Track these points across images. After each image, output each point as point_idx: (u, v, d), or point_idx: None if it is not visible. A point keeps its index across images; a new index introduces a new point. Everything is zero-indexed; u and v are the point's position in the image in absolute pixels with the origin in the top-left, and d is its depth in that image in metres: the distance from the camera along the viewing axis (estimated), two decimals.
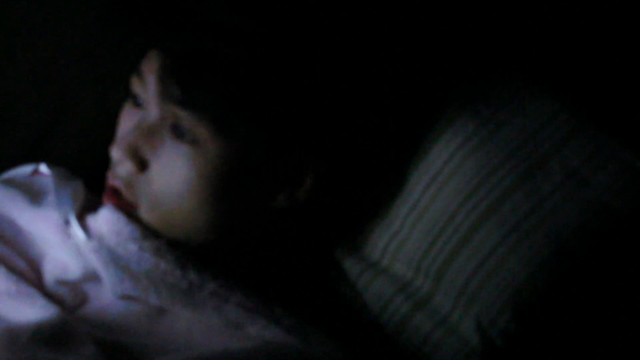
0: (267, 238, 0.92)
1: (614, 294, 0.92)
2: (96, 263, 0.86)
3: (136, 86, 0.88)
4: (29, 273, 0.89)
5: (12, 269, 0.87)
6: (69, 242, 0.88)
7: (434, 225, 0.93)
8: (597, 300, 0.91)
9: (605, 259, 0.90)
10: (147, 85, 0.86)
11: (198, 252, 0.88)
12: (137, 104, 0.88)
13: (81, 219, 0.89)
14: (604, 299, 0.91)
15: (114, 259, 0.85)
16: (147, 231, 0.86)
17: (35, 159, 1.00)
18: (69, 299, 0.87)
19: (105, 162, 0.90)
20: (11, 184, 0.96)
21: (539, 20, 1.03)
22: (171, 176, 0.85)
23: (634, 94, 1.00)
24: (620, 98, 0.99)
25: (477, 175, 0.92)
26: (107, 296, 0.87)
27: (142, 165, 0.86)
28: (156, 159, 0.86)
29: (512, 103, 0.94)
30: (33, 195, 0.93)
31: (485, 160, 0.92)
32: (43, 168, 0.97)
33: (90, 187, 0.94)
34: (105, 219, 0.86)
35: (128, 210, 0.87)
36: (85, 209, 0.90)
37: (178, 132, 0.85)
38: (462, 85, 0.96)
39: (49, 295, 0.87)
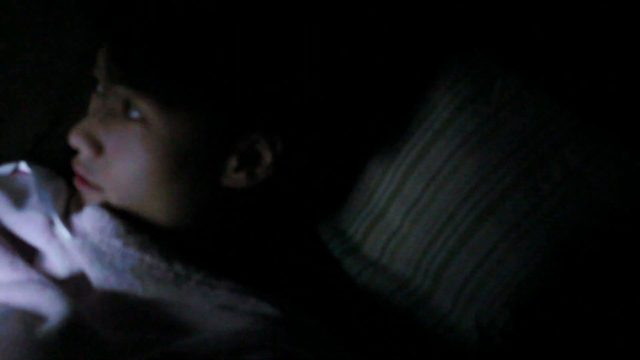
0: (241, 222, 0.92)
1: (613, 294, 0.92)
2: (81, 261, 0.86)
3: (96, 75, 0.89)
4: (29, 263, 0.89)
5: (14, 260, 0.87)
6: (55, 243, 0.88)
7: (433, 224, 0.93)
8: (597, 299, 0.91)
9: (604, 258, 0.90)
10: (100, 71, 0.87)
11: (181, 243, 0.88)
12: (98, 91, 0.89)
13: (66, 217, 0.89)
14: (604, 299, 0.91)
15: (99, 256, 0.85)
16: (131, 226, 0.86)
17: (36, 158, 1.00)
18: (68, 288, 0.87)
19: None
20: None
21: (539, 20, 1.03)
22: (125, 156, 0.85)
23: (634, 94, 1.00)
24: (620, 98, 0.99)
25: (477, 175, 0.92)
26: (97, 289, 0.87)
27: (98, 149, 0.86)
28: (110, 141, 0.86)
29: (512, 103, 0.94)
30: (15, 195, 0.93)
31: (485, 160, 0.92)
32: (23, 167, 0.96)
33: None
34: (89, 217, 0.86)
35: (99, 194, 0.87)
36: (71, 207, 0.90)
37: (129, 113, 0.85)
38: (462, 84, 0.96)
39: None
